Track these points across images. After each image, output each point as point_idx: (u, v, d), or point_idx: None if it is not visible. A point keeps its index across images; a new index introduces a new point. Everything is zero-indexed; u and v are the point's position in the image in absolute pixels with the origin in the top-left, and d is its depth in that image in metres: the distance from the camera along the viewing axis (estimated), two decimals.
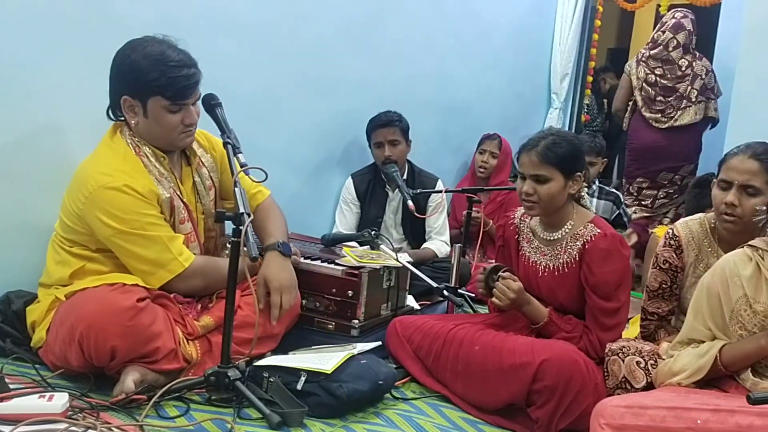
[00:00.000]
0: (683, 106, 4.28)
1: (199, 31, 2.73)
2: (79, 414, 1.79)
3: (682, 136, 4.33)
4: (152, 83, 2.03)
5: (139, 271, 2.07)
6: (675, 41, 4.26)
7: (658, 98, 4.32)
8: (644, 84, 4.36)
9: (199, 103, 2.17)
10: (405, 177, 3.54)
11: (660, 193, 4.45)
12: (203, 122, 2.22)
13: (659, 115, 4.33)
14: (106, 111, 2.16)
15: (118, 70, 2.09)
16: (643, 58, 4.40)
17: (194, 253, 2.17)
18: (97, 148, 2.16)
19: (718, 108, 4.27)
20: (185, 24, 2.63)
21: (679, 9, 4.38)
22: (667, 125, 4.32)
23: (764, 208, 1.87)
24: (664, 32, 4.32)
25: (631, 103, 4.48)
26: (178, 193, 2.18)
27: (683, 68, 4.28)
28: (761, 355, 1.72)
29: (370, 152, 3.59)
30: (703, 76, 4.30)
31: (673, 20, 4.30)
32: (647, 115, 4.36)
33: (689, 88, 4.27)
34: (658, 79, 4.33)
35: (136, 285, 2.00)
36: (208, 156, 2.33)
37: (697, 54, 4.31)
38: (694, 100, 4.27)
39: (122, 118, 2.15)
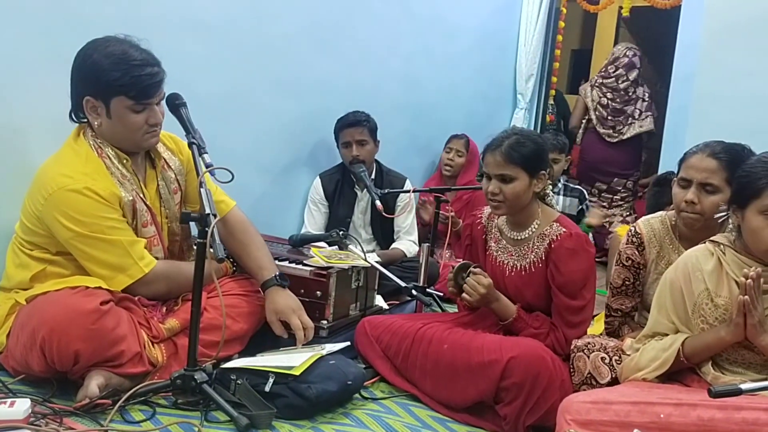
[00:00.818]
0: (629, 123, 5.11)
1: (163, 30, 2.69)
2: (42, 420, 1.76)
3: (628, 147, 5.15)
4: (115, 83, 1.99)
5: (98, 275, 2.03)
6: (625, 77, 5.06)
7: (609, 117, 5.13)
8: (598, 105, 5.15)
9: (164, 102, 2.14)
10: (373, 177, 3.54)
11: (616, 196, 5.18)
12: (168, 123, 2.20)
13: (611, 131, 5.13)
14: (69, 114, 2.12)
15: (79, 71, 2.05)
16: (597, 84, 5.19)
17: (157, 257, 2.14)
18: (60, 149, 2.12)
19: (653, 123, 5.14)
20: (149, 23, 2.59)
21: (630, 47, 5.18)
22: (617, 140, 5.12)
23: (724, 206, 1.91)
24: (617, 68, 5.10)
25: (584, 121, 5.24)
26: (141, 195, 2.15)
27: (630, 94, 5.10)
28: (722, 347, 1.76)
29: (337, 152, 3.59)
30: (646, 99, 5.13)
31: (626, 59, 5.08)
32: (601, 131, 5.15)
33: (634, 109, 5.10)
34: (609, 102, 5.12)
35: (100, 288, 1.96)
36: (175, 159, 2.30)
37: (639, 81, 5.15)
38: (638, 117, 5.10)
39: (85, 120, 2.11)
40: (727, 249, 1.81)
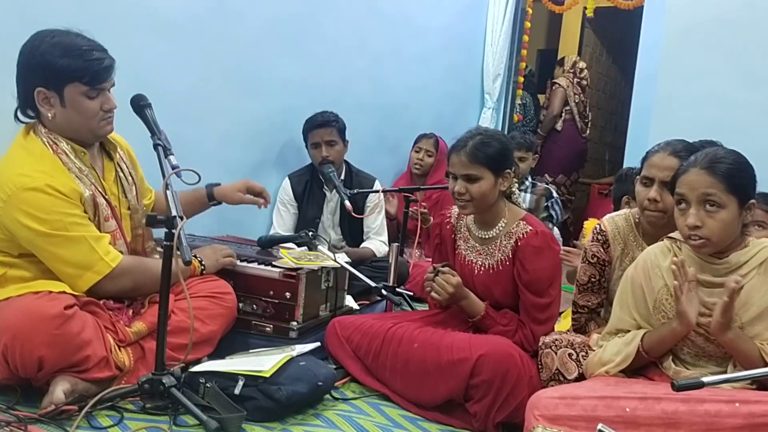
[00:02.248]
0: (589, 125, 6.01)
1: (125, 29, 2.66)
2: (6, 428, 1.73)
3: (586, 145, 6.02)
4: (67, 69, 1.97)
5: (65, 274, 2.00)
6: (587, 81, 5.93)
7: (583, 112, 5.85)
8: (579, 100, 5.83)
9: (114, 91, 2.11)
10: (342, 177, 3.54)
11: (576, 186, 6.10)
12: (133, 124, 2.17)
13: (584, 126, 5.85)
14: (15, 112, 2.07)
15: (28, 64, 2.01)
16: (575, 82, 5.85)
17: (121, 251, 2.11)
18: (10, 150, 2.06)
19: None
20: (111, 22, 2.56)
21: (580, 59, 6.08)
22: (585, 135, 5.89)
23: None
24: (582, 70, 5.92)
25: (565, 111, 5.78)
26: (100, 189, 2.12)
27: (587, 98, 6.00)
28: (676, 338, 1.80)
29: (305, 153, 3.58)
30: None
31: (584, 64, 5.96)
32: (580, 125, 5.80)
33: (588, 111, 6.00)
34: (585, 98, 5.93)
35: (63, 292, 1.93)
36: (123, 152, 2.29)
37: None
38: (588, 120, 6.00)
39: (31, 118, 2.07)
40: (683, 245, 1.85)
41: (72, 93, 2.01)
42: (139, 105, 2.09)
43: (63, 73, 1.98)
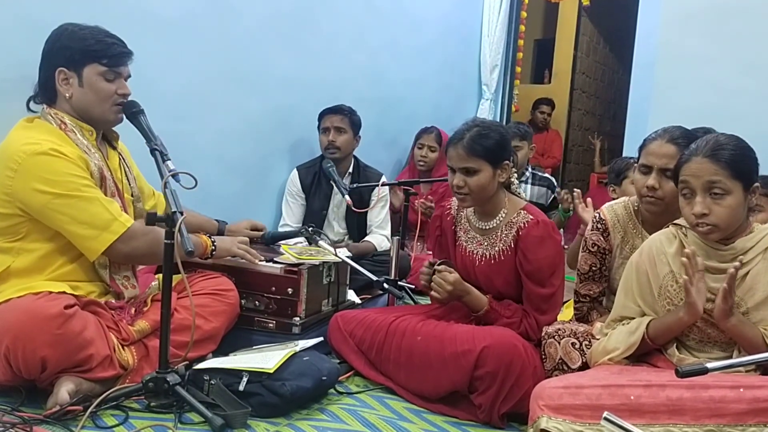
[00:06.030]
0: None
1: (122, 27, 2.63)
2: (11, 429, 1.73)
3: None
4: (89, 49, 2.08)
5: (80, 237, 2.00)
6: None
7: None
8: None
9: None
10: (351, 171, 3.60)
11: None
12: (127, 131, 2.17)
13: None
14: (27, 101, 2.11)
15: (53, 46, 2.09)
16: None
17: None
18: (14, 131, 2.07)
19: None
20: (107, 21, 2.53)
21: None
22: None
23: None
24: None
25: None
26: (106, 168, 2.15)
27: None
28: (682, 327, 1.80)
29: (303, 149, 3.60)
30: None
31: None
32: None
33: None
34: None
35: (63, 292, 1.93)
36: (123, 150, 2.33)
37: None
38: None
39: (47, 102, 2.10)
40: (688, 231, 1.85)
41: (90, 73, 2.09)
42: (132, 112, 2.11)
43: (85, 52, 2.07)
